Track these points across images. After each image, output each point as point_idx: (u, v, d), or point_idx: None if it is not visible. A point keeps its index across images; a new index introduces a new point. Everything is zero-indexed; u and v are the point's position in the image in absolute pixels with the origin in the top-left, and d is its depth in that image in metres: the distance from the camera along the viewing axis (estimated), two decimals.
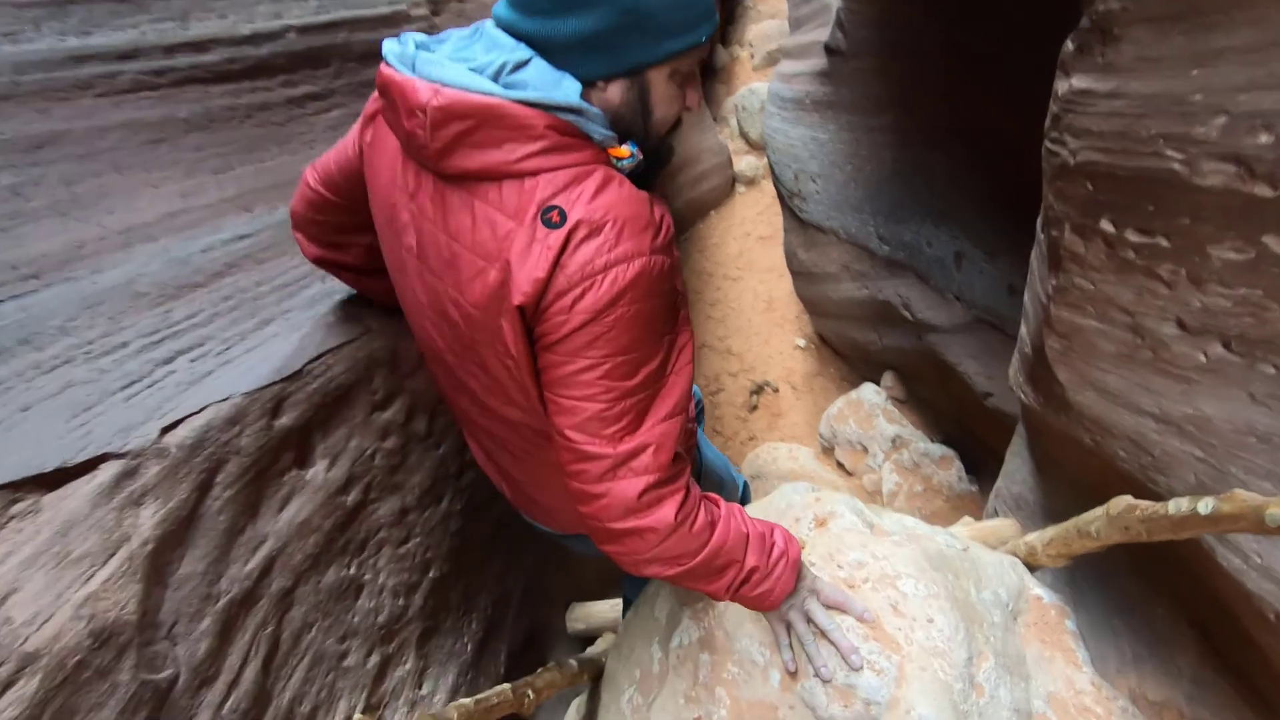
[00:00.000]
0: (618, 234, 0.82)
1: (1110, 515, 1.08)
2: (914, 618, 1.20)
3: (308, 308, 1.42)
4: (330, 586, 1.25)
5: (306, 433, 1.28)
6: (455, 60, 0.84)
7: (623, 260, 0.83)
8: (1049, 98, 1.11)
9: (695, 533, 0.97)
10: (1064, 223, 1.09)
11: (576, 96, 0.82)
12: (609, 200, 0.83)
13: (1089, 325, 1.14)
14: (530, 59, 0.82)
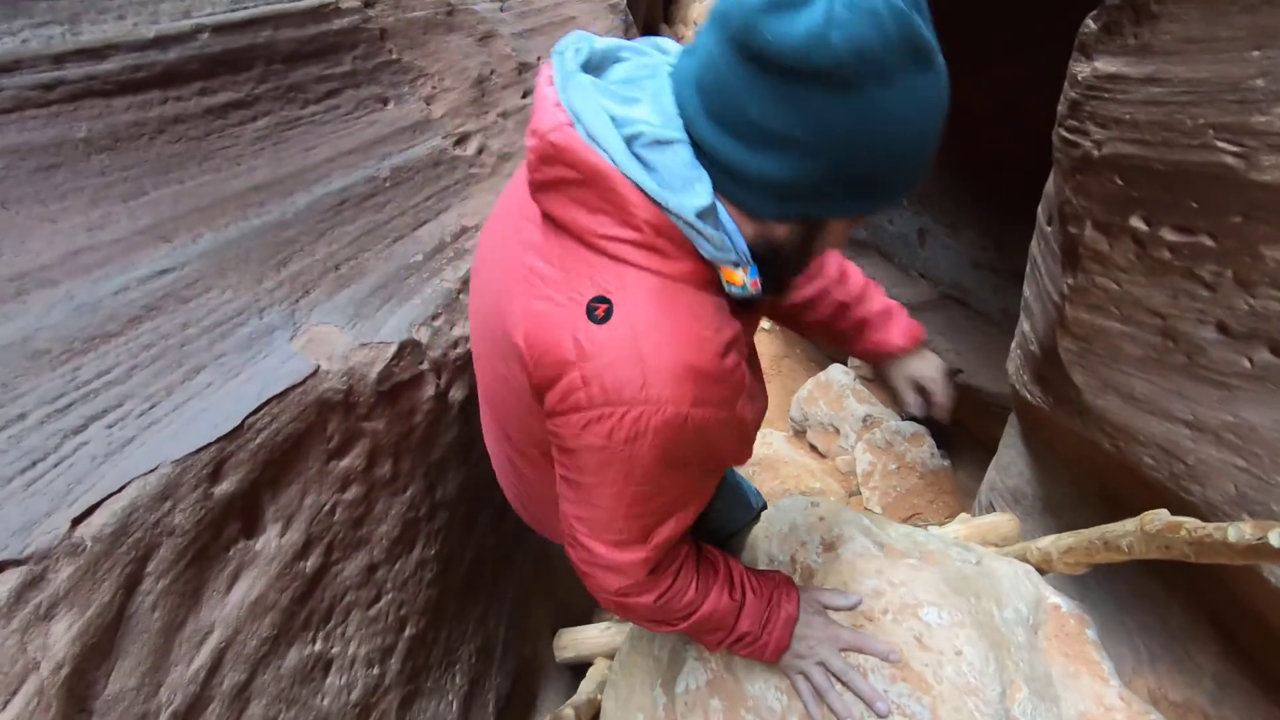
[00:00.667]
0: (657, 373, 0.71)
1: (1146, 531, 1.01)
2: (941, 651, 1.11)
3: (244, 349, 1.25)
4: (293, 670, 1.10)
5: (253, 496, 1.12)
6: (608, 95, 0.72)
7: (653, 403, 0.72)
8: (1018, 74, 1.02)
9: (679, 608, 0.98)
10: (1084, 219, 1.00)
11: (693, 214, 0.69)
12: (667, 329, 0.71)
13: (1112, 328, 1.06)
14: (676, 142, 0.70)
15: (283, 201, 1.58)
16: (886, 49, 0.58)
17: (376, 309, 1.51)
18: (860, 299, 1.24)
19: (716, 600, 1.00)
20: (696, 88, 0.67)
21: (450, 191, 1.98)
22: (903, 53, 0.59)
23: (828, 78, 0.59)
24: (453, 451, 1.60)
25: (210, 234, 1.40)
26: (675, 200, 0.69)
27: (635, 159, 0.69)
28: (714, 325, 0.75)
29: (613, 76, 0.77)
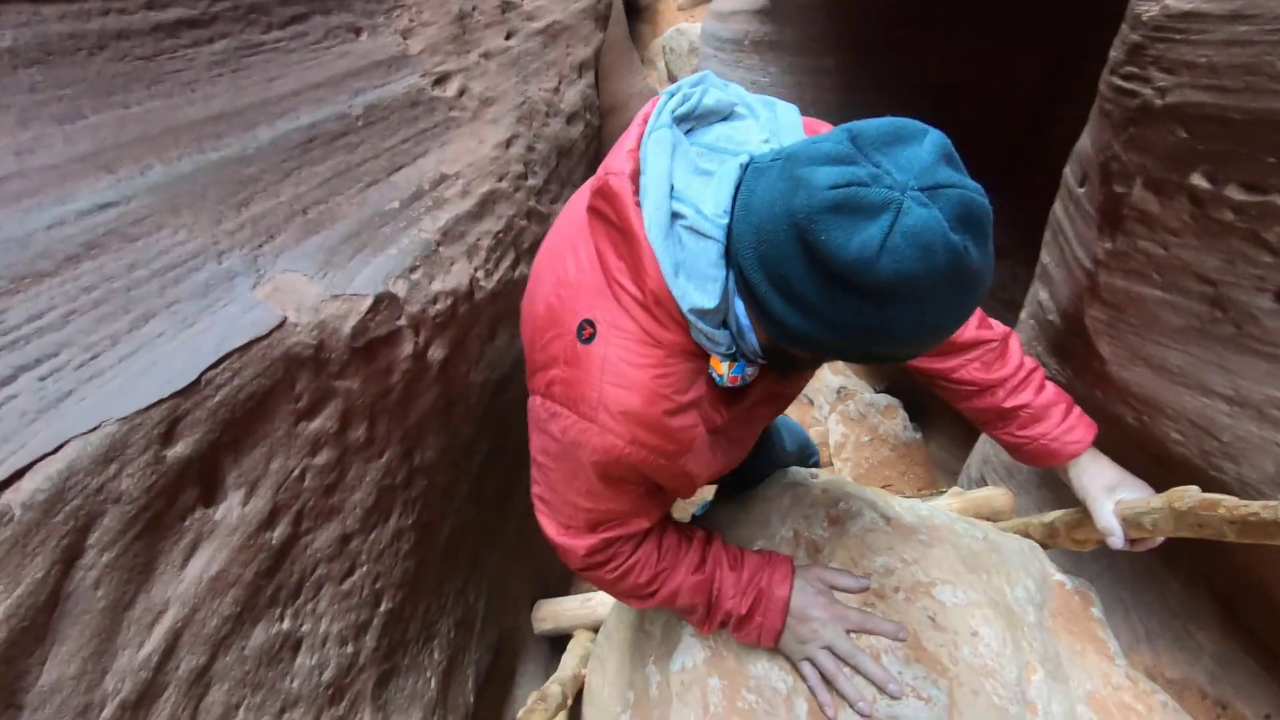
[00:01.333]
0: (606, 404, 0.80)
1: (1176, 509, 0.96)
2: (956, 631, 1.06)
3: (201, 296, 1.12)
4: (259, 650, 1.00)
5: (212, 460, 1.00)
6: (684, 159, 0.77)
7: (596, 424, 0.81)
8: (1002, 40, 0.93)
9: (643, 584, 1.02)
10: (1134, 177, 0.93)
11: (688, 308, 0.76)
12: (629, 374, 0.79)
13: (1150, 295, 0.99)
14: (712, 239, 0.74)
15: (243, 135, 1.42)
16: (931, 280, 0.60)
17: (349, 258, 1.38)
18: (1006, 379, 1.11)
19: (682, 578, 1.03)
20: (754, 224, 0.68)
21: (429, 135, 1.83)
22: (947, 283, 0.61)
23: (868, 290, 0.61)
24: (432, 415, 1.49)
25: (161, 166, 1.25)
26: (679, 291, 0.76)
27: (670, 234, 0.75)
28: (676, 387, 0.81)
29: (706, 137, 0.81)
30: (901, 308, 0.62)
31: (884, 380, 5.37)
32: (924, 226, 0.59)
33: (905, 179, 0.60)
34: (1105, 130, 0.98)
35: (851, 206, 0.60)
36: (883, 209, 0.59)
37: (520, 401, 2.04)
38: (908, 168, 0.61)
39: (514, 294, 1.91)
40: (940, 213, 0.59)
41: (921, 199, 0.60)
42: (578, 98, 2.60)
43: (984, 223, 0.62)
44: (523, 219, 1.99)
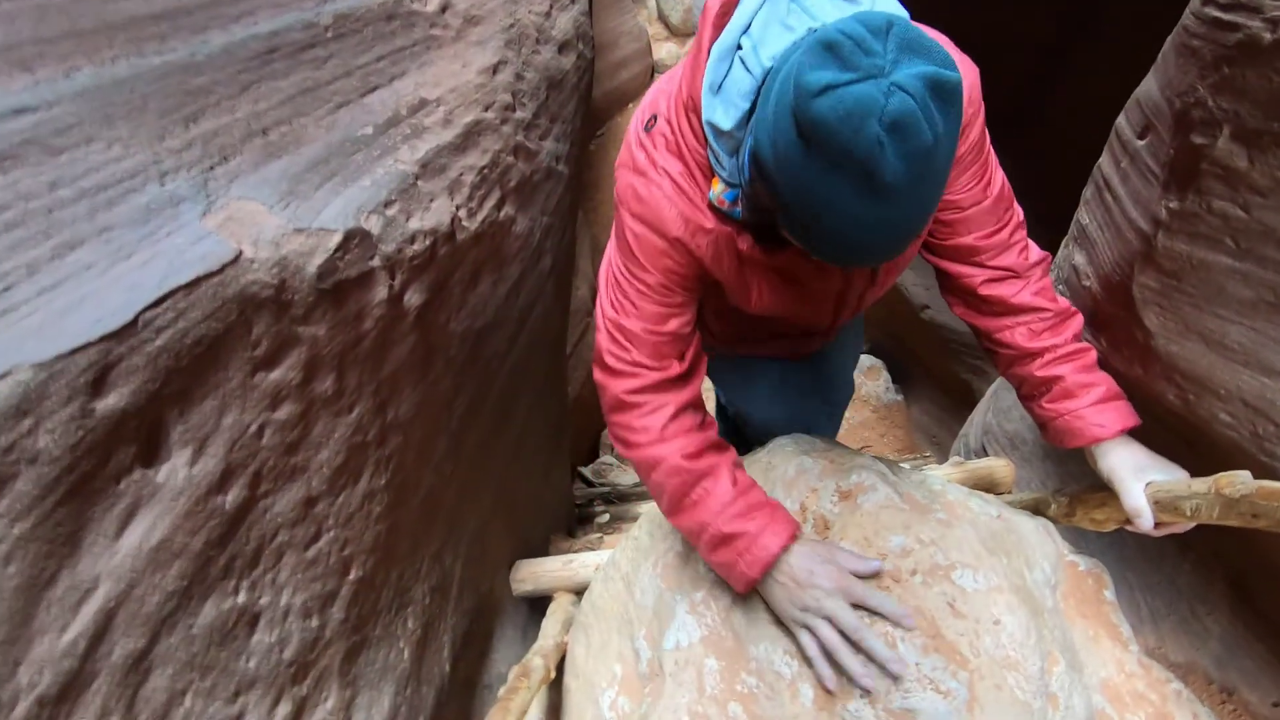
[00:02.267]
0: (634, 165, 1.00)
1: (1226, 495, 0.88)
2: (977, 619, 0.99)
3: (140, 223, 0.97)
4: (209, 629, 0.89)
5: (152, 414, 0.87)
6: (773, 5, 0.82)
7: (624, 167, 1.03)
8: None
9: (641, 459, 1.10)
10: (1220, 126, 0.82)
11: (705, 119, 0.87)
12: (660, 159, 0.96)
13: (1219, 263, 0.90)
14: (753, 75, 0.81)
15: (192, 39, 1.24)
16: (842, 151, 0.66)
17: (315, 188, 1.22)
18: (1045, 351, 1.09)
19: (667, 457, 1.05)
20: (779, 74, 0.75)
21: (407, 54, 1.64)
22: (856, 168, 0.66)
23: (802, 127, 0.67)
24: (408, 366, 1.36)
25: (91, 68, 1.07)
26: (707, 103, 0.86)
27: (724, 58, 0.84)
28: (694, 196, 0.95)
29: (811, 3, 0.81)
30: (819, 171, 0.68)
31: (868, 341, 5.32)
32: (869, 104, 0.64)
33: (898, 75, 0.64)
34: (1188, 71, 0.87)
35: (838, 52, 0.66)
36: (855, 69, 0.65)
37: (504, 353, 1.92)
38: (908, 70, 0.64)
39: (499, 236, 1.76)
40: (889, 108, 0.63)
41: (890, 89, 0.63)
42: (570, 25, 2.39)
43: (919, 147, 0.65)
44: (510, 155, 1.82)
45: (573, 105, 2.38)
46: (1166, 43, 0.97)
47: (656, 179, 0.96)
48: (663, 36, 9.23)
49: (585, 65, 2.53)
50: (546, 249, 2.14)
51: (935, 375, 4.48)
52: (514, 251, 1.86)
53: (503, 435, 1.92)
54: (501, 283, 1.79)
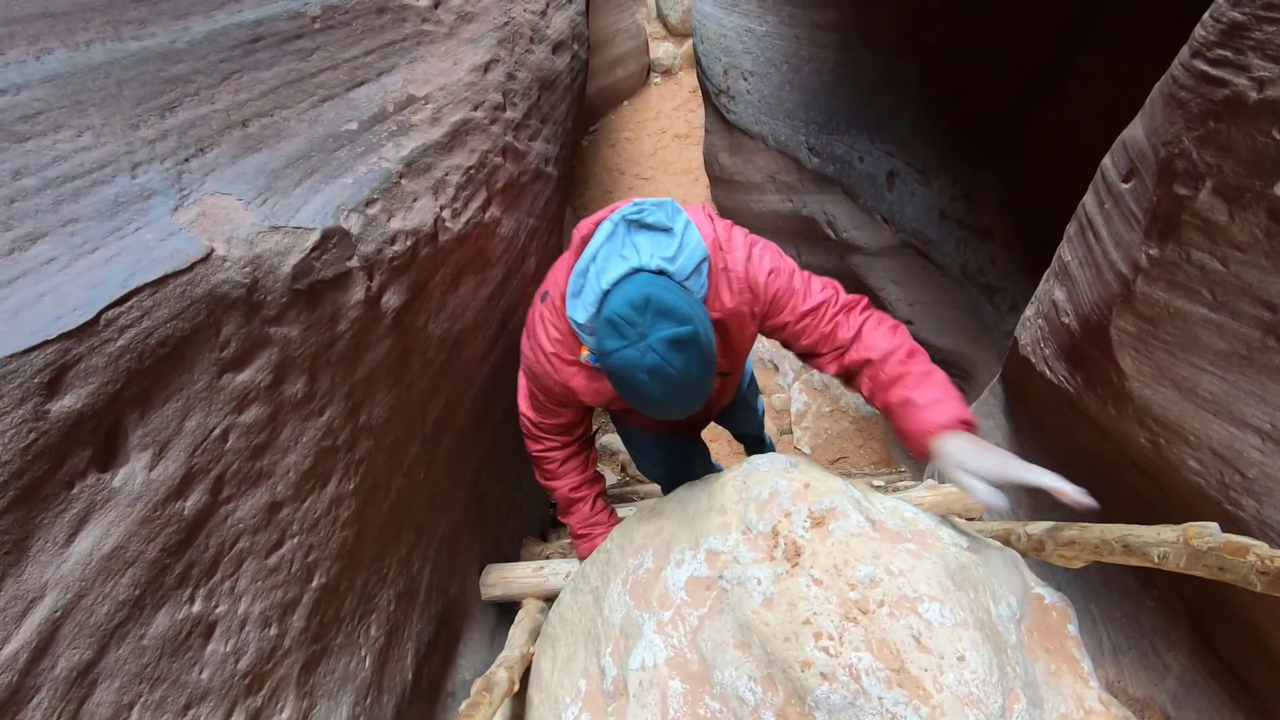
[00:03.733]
0: (538, 319, 1.42)
1: (1194, 547, 0.89)
2: (942, 654, 0.99)
3: (107, 216, 0.94)
4: (161, 639, 0.86)
5: (111, 416, 0.85)
6: (612, 242, 1.26)
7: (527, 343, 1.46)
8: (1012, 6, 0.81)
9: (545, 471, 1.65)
10: (1203, 179, 0.82)
11: (572, 320, 1.28)
12: (542, 331, 1.39)
13: (1195, 313, 0.90)
14: (596, 292, 1.22)
15: (172, 25, 1.21)
16: (622, 381, 1.17)
17: (295, 184, 1.19)
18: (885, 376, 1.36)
19: (564, 486, 1.64)
20: (608, 303, 1.19)
21: (396, 49, 1.61)
22: (633, 388, 1.17)
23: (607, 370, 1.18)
24: (383, 369, 1.33)
25: (64, 52, 1.04)
26: (570, 305, 1.28)
27: (579, 277, 1.26)
28: (568, 349, 1.36)
29: (638, 236, 1.26)
30: (624, 388, 1.18)
31: None
32: (635, 361, 1.12)
33: (651, 338, 1.10)
34: (1174, 121, 0.87)
35: (616, 328, 1.13)
36: (625, 339, 1.12)
37: (483, 356, 1.89)
38: (657, 334, 1.10)
39: (483, 238, 1.73)
40: (645, 361, 1.11)
41: (645, 349, 1.11)
42: (566, 25, 2.37)
43: (668, 377, 1.12)
44: (498, 155, 1.80)
45: (565, 106, 2.35)
46: (1155, 89, 0.97)
47: (536, 345, 1.40)
48: (660, 35, 9.20)
49: (579, 66, 2.51)
50: (531, 251, 2.12)
51: None
52: (498, 254, 1.84)
53: (478, 438, 1.90)
54: (484, 285, 1.77)
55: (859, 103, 4.29)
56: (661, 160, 7.54)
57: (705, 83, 5.59)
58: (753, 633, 1.07)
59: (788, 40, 4.54)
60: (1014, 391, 1.66)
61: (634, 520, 1.49)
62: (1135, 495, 1.15)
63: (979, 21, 3.38)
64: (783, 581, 1.10)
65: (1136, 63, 1.68)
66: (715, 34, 5.21)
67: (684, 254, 1.22)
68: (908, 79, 3.99)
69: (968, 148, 3.79)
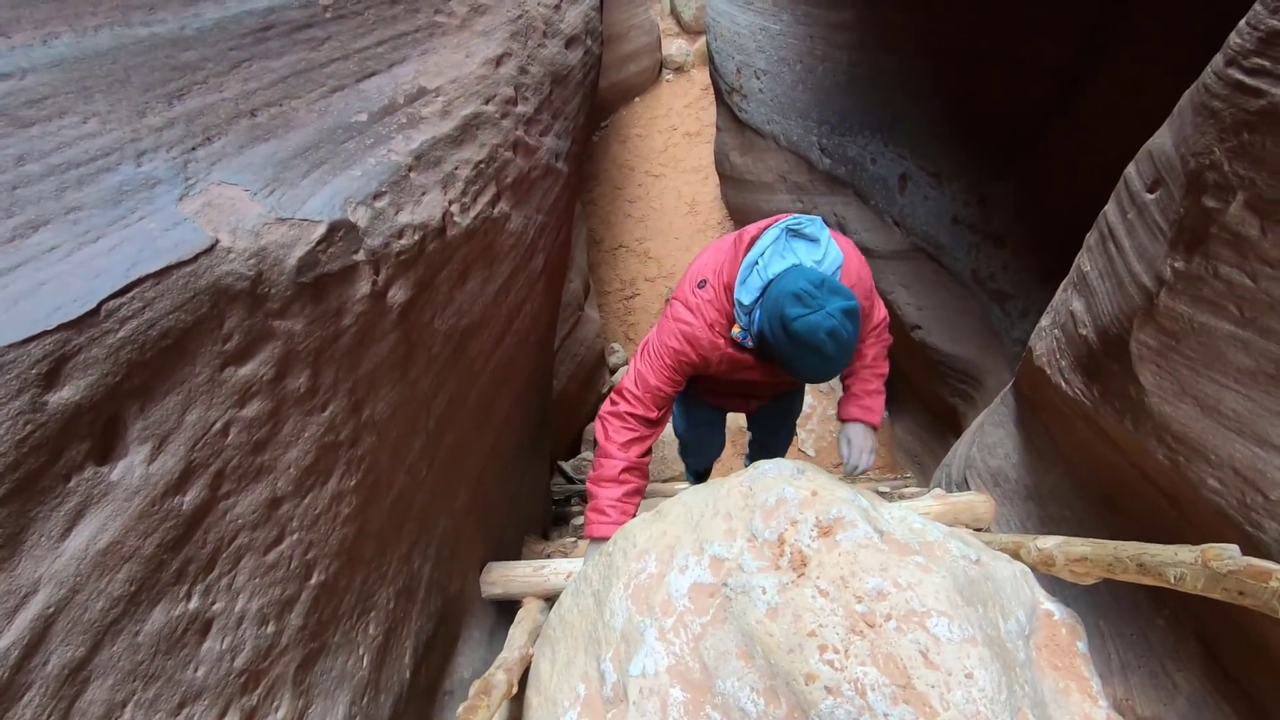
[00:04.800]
0: (697, 301, 1.70)
1: (1213, 569, 0.87)
2: (950, 671, 0.97)
3: (110, 204, 0.92)
4: (156, 636, 0.85)
5: (111, 408, 0.83)
6: (776, 244, 1.61)
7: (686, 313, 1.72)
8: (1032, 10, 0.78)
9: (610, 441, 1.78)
10: (1234, 192, 0.80)
11: (737, 301, 1.61)
12: (703, 307, 1.68)
13: (1220, 329, 0.88)
14: (760, 280, 1.57)
15: (182, 12, 1.19)
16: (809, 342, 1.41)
17: (302, 175, 1.18)
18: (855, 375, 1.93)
19: (614, 459, 1.74)
20: (773, 288, 1.53)
21: (408, 40, 1.60)
22: (815, 349, 1.41)
23: (790, 332, 1.42)
24: (388, 364, 1.32)
25: (71, 36, 1.02)
26: (738, 289, 1.60)
27: (749, 268, 1.59)
28: (719, 326, 1.67)
29: (796, 243, 1.60)
30: (798, 348, 1.42)
31: None
32: (818, 324, 1.38)
33: (829, 307, 1.38)
34: (1206, 131, 0.84)
35: (801, 299, 1.41)
36: (809, 308, 1.39)
37: (489, 352, 1.88)
38: (834, 305, 1.38)
39: (491, 233, 1.72)
40: (826, 325, 1.37)
41: (825, 316, 1.38)
42: (580, 20, 2.34)
43: (842, 340, 1.39)
44: (508, 150, 1.78)
45: (576, 101, 2.33)
46: (1184, 97, 0.95)
47: (699, 318, 1.67)
48: (673, 32, 9.16)
49: (592, 61, 2.48)
50: (540, 247, 2.10)
51: (922, 396, 4.48)
52: (506, 249, 1.82)
53: (481, 436, 1.89)
54: (491, 281, 1.76)
55: (873, 104, 4.26)
56: (672, 157, 7.51)
57: (718, 80, 5.56)
58: (756, 643, 1.05)
59: (802, 39, 4.50)
60: (1026, 402, 1.63)
61: (637, 523, 1.47)
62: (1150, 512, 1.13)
63: (997, 25, 3.35)
64: (788, 591, 1.08)
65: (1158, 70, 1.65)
66: (729, 31, 5.18)
67: (828, 259, 1.57)
68: (923, 81, 3.95)
69: (982, 153, 3.75)
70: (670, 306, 1.76)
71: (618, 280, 6.46)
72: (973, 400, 3.69)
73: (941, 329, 4.02)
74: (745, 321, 1.59)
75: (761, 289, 1.52)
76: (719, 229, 6.73)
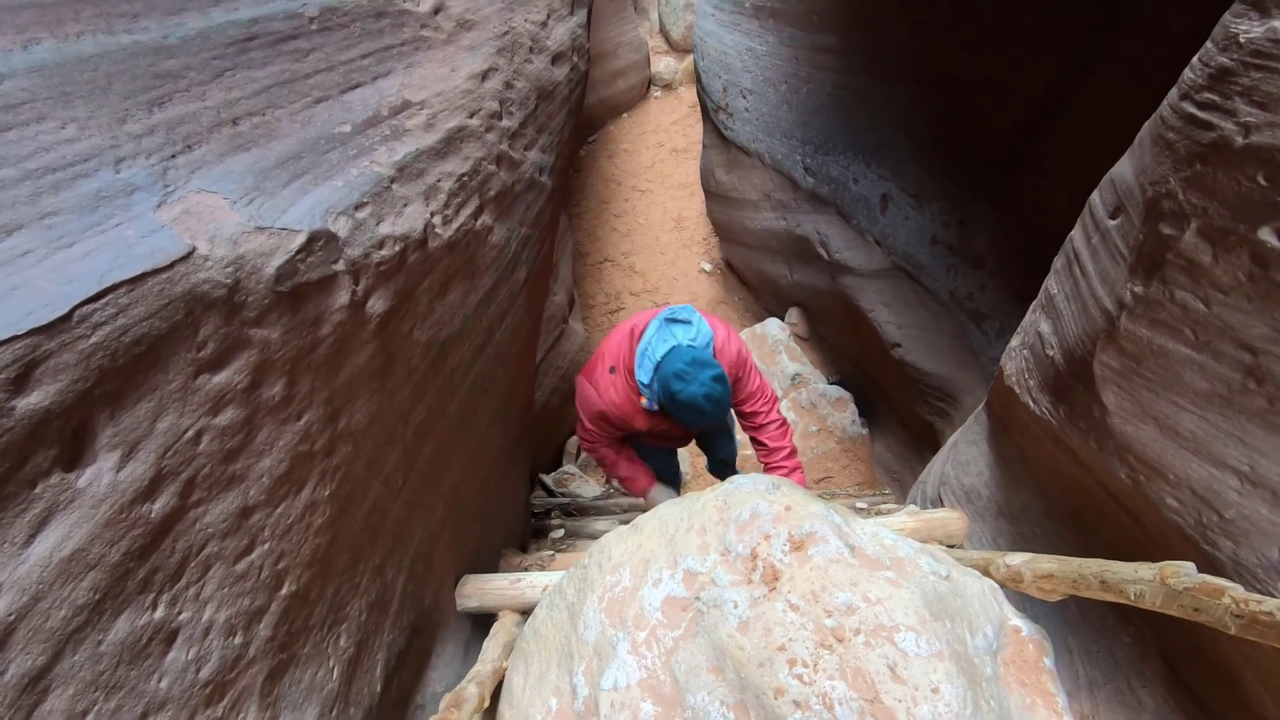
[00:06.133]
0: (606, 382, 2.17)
1: (1170, 586, 0.89)
2: (917, 686, 0.98)
3: (87, 210, 0.92)
4: (120, 645, 0.84)
5: (80, 414, 0.83)
6: (659, 332, 2.05)
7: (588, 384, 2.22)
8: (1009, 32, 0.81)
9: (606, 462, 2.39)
10: (1188, 220, 0.83)
11: (639, 380, 2.04)
12: (616, 392, 2.15)
13: (1177, 351, 0.91)
14: (651, 364, 2.02)
15: (166, 20, 1.20)
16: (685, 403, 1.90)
17: (284, 184, 1.18)
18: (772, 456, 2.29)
19: (619, 467, 2.37)
20: (662, 367, 1.97)
21: (394, 53, 1.61)
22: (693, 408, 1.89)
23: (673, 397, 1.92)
24: (366, 374, 1.32)
25: (52, 42, 1.03)
26: (637, 372, 2.03)
27: (642, 354, 2.03)
28: (630, 401, 2.12)
29: (674, 327, 2.05)
30: (685, 410, 1.89)
31: (837, 372, 5.36)
32: (695, 392, 1.85)
33: (702, 377, 1.86)
34: (1162, 161, 0.88)
35: (681, 376, 1.88)
36: (688, 381, 1.88)
37: (469, 364, 1.88)
38: (703, 375, 1.86)
39: (474, 245, 1.72)
40: (700, 392, 1.85)
41: (699, 384, 1.85)
42: (566, 36, 2.37)
43: (715, 399, 1.87)
44: (492, 164, 1.79)
45: (562, 117, 2.35)
46: (1144, 128, 0.98)
47: (612, 399, 2.11)
48: (662, 50, 9.27)
49: (578, 77, 2.51)
50: (523, 260, 2.11)
51: (900, 413, 4.53)
52: (488, 262, 1.83)
53: (460, 447, 1.88)
54: (472, 293, 1.76)
55: (856, 125, 4.33)
56: (659, 173, 7.57)
57: (704, 99, 5.63)
58: (727, 657, 1.06)
59: (787, 61, 4.58)
60: (998, 420, 1.66)
61: (613, 536, 1.47)
62: (1117, 530, 1.15)
63: (976, 52, 3.43)
64: (759, 605, 1.09)
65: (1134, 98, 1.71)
66: (716, 51, 5.25)
67: (700, 335, 2.03)
68: (905, 104, 4.03)
69: (962, 175, 3.83)
70: (579, 385, 2.23)
71: (603, 294, 6.47)
72: (950, 418, 3.73)
73: (920, 347, 4.07)
74: (649, 394, 2.02)
75: (654, 369, 1.97)
76: (704, 244, 6.78)
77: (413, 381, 1.51)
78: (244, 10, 1.30)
